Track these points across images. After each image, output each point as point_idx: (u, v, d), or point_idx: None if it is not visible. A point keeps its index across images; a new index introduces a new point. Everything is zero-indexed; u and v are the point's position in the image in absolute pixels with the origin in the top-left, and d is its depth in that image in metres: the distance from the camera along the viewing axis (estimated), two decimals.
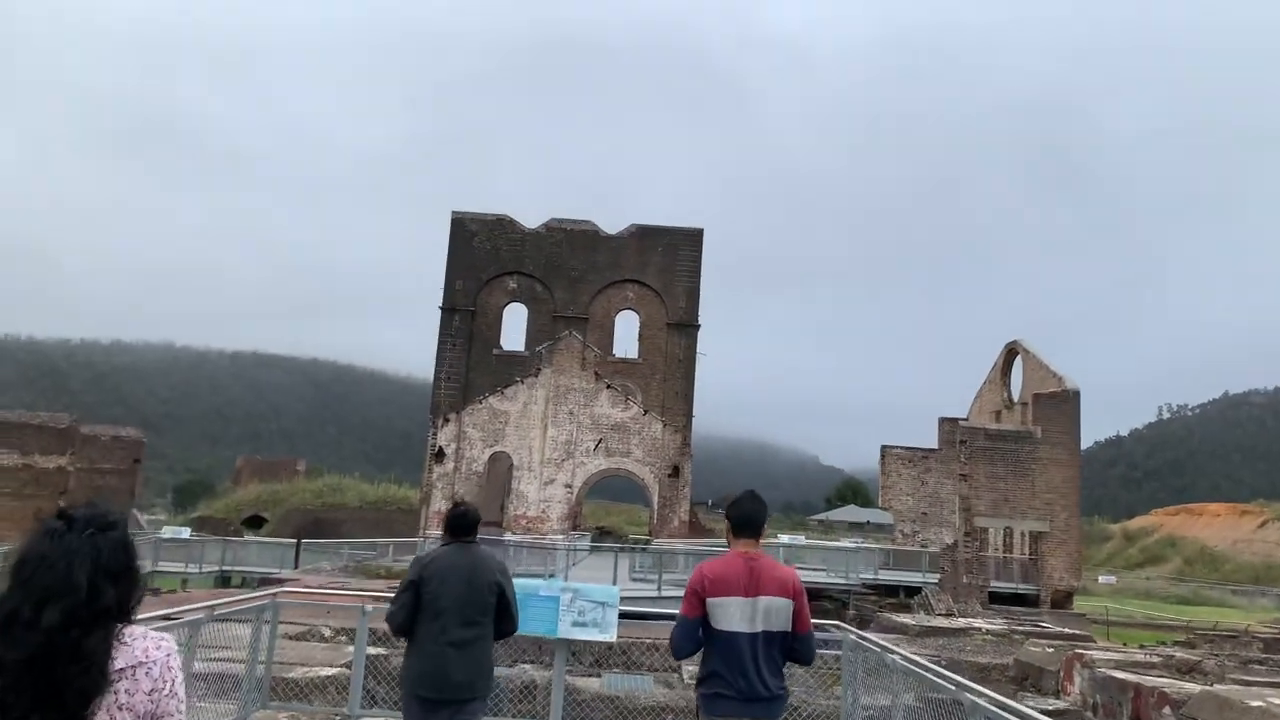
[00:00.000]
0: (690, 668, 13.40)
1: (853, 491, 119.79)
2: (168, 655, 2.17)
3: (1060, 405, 32.41)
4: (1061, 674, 12.68)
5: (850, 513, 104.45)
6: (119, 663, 2.07)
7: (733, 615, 4.52)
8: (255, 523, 51.32)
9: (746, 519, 4.84)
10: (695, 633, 4.65)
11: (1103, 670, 11.69)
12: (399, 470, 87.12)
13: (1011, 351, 39.91)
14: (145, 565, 23.73)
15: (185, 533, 32.44)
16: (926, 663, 6.61)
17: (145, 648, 2.14)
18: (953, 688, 5.56)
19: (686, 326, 43.80)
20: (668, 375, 43.33)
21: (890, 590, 31.03)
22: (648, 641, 13.11)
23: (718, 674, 4.55)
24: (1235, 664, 14.46)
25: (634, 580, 22.88)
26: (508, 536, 27.89)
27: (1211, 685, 10.74)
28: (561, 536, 31.45)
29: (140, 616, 2.26)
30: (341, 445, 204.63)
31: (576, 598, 6.75)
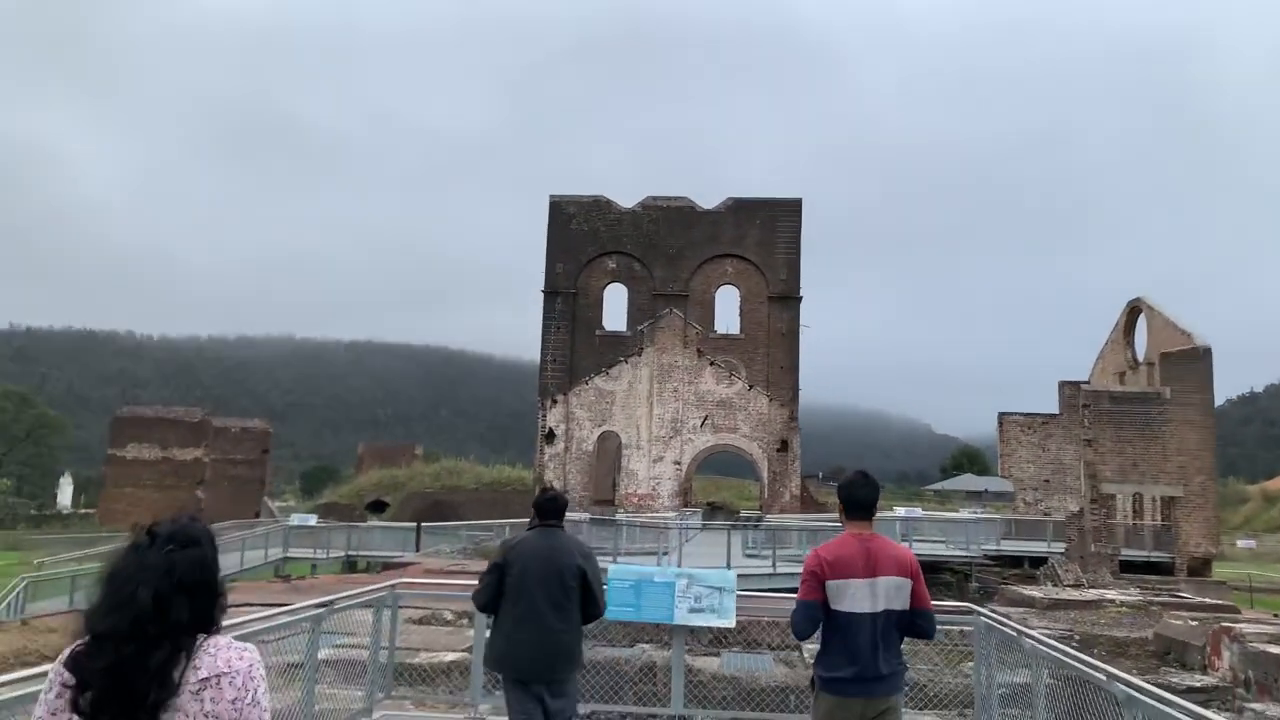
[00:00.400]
0: (811, 646, 13.24)
1: (968, 459, 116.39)
2: (250, 665, 2.24)
3: (1190, 364, 30.57)
4: (1208, 648, 11.99)
5: (967, 481, 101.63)
6: (203, 672, 2.16)
7: (853, 596, 4.58)
8: (378, 507, 53.13)
9: (858, 501, 4.88)
10: (816, 615, 4.71)
11: (1255, 644, 10.99)
12: (512, 452, 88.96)
13: (1134, 310, 37.86)
14: (277, 552, 24.76)
15: (312, 520, 33.84)
16: (1066, 648, 6.28)
17: (229, 658, 2.22)
18: (1103, 677, 5.22)
19: (788, 299, 43.16)
20: (771, 349, 42.83)
21: (1014, 561, 30.00)
22: (765, 619, 12.98)
23: (837, 654, 4.64)
24: None
25: (747, 557, 22.76)
26: (619, 515, 28.11)
27: None
28: (673, 513, 31.54)
29: (257, 615, 2.35)
30: (456, 429, 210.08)
31: (692, 583, 6.67)
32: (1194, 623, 13.02)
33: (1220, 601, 18.09)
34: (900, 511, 32.73)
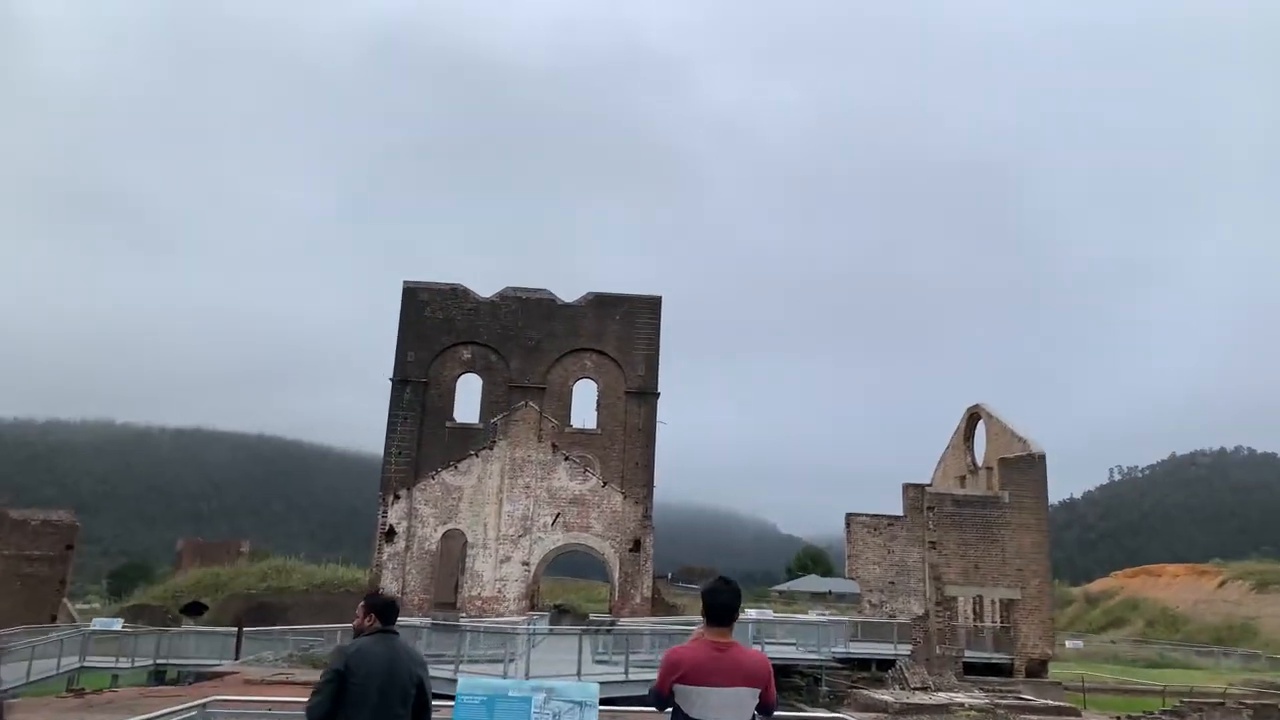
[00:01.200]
0: None
1: (812, 560, 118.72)
2: None
3: (1026, 469, 32.11)
4: None
5: (811, 582, 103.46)
6: None
7: (710, 704, 4.68)
8: (195, 609, 48.76)
9: (720, 607, 4.96)
10: (666, 704, 4.87)
11: None
12: (348, 549, 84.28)
13: (974, 415, 39.73)
14: (73, 661, 21.82)
15: (117, 624, 30.34)
16: None
17: None
18: None
19: (645, 394, 43.06)
20: (628, 445, 42.39)
21: (862, 664, 30.00)
22: None
23: None
24: None
25: (597, 663, 21.69)
26: (463, 620, 26.44)
27: None
28: (520, 617, 30.02)
29: None
30: (288, 523, 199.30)
31: (551, 698, 5.84)
32: None
33: (1061, 704, 18.33)
34: (752, 614, 32.33)
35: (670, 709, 4.85)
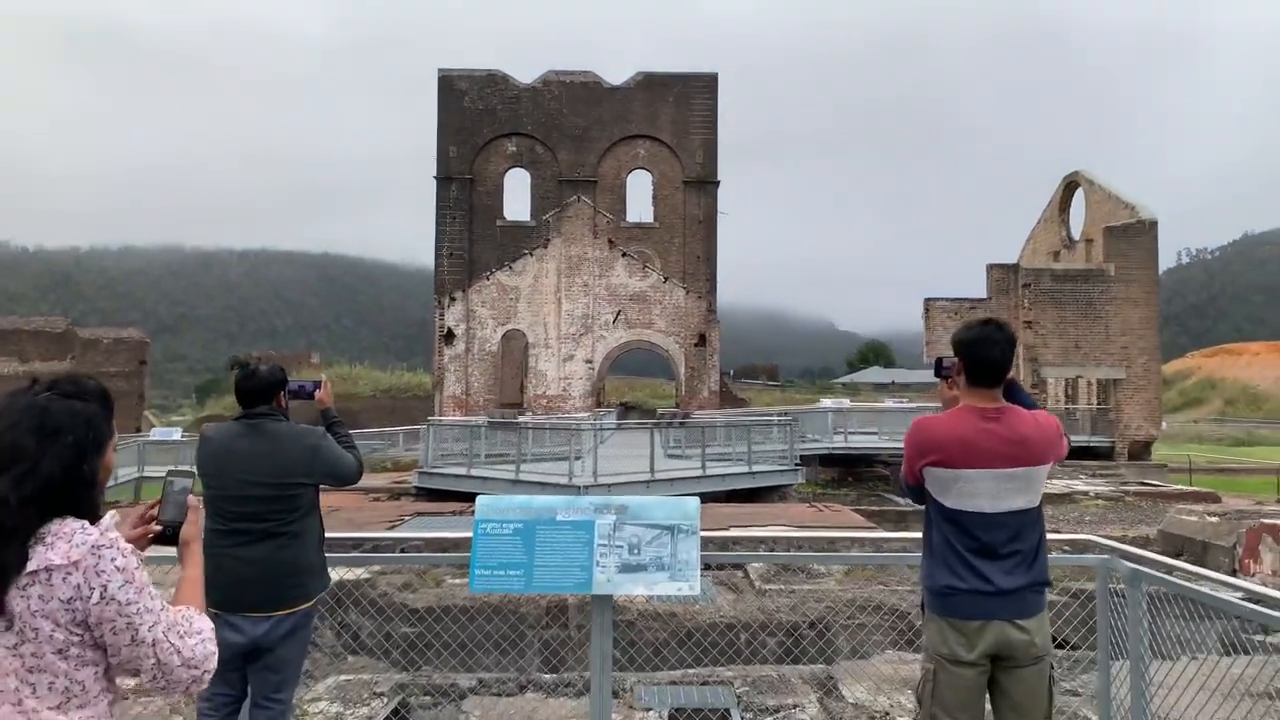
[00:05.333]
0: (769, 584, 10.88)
1: (874, 353, 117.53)
2: (91, 551, 1.79)
3: (1135, 237, 28.89)
4: (1238, 549, 9.88)
5: (874, 374, 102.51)
6: (31, 564, 1.76)
7: (980, 491, 3.18)
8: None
9: (993, 363, 3.23)
10: (922, 490, 3.34)
11: None
12: (420, 359, 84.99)
13: (1071, 184, 36.05)
14: (131, 472, 21.17)
15: (175, 434, 30.00)
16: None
17: (65, 550, 1.78)
18: None
19: (705, 184, 40.15)
20: (688, 238, 39.97)
21: None
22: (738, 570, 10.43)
23: (950, 564, 3.25)
24: None
25: (670, 458, 20.38)
26: (522, 418, 25.34)
27: None
28: (585, 414, 28.94)
29: None
30: (359, 338, 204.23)
31: (625, 519, 3.87)
32: (1212, 519, 10.92)
33: (1200, 490, 16.45)
34: (828, 403, 30.89)
35: (925, 502, 3.36)
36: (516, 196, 40.20)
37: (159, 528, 2.08)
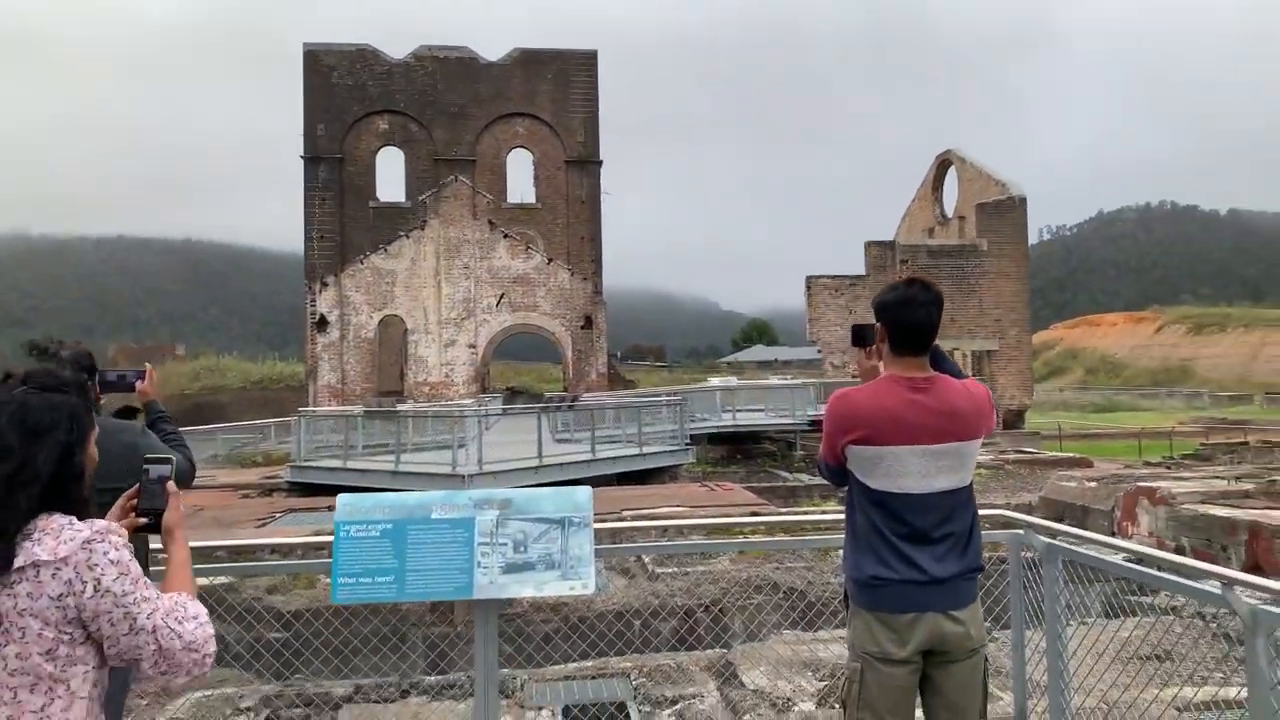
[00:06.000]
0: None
1: (758, 331, 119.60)
2: (83, 545, 1.77)
3: (1006, 213, 29.96)
4: (1117, 512, 10.14)
5: (758, 352, 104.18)
6: (18, 560, 1.75)
7: (908, 470, 2.82)
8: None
9: (919, 326, 2.93)
10: (842, 471, 2.96)
11: (1189, 506, 9.11)
12: (294, 349, 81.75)
13: (944, 163, 37.16)
14: None
15: None
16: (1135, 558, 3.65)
17: (53, 546, 1.77)
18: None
19: (587, 163, 39.58)
20: (571, 219, 39.37)
21: None
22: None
23: (878, 552, 2.88)
24: None
25: (558, 443, 19.92)
26: (402, 406, 24.41)
27: None
28: (470, 401, 28.15)
29: None
30: (228, 327, 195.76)
31: (508, 515, 3.40)
32: (1090, 484, 11.19)
33: (1073, 455, 17.05)
34: (716, 382, 30.98)
35: (847, 483, 3.00)
36: (390, 177, 38.78)
37: (143, 519, 2.05)
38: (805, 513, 12.27)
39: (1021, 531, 4.07)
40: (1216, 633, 6.17)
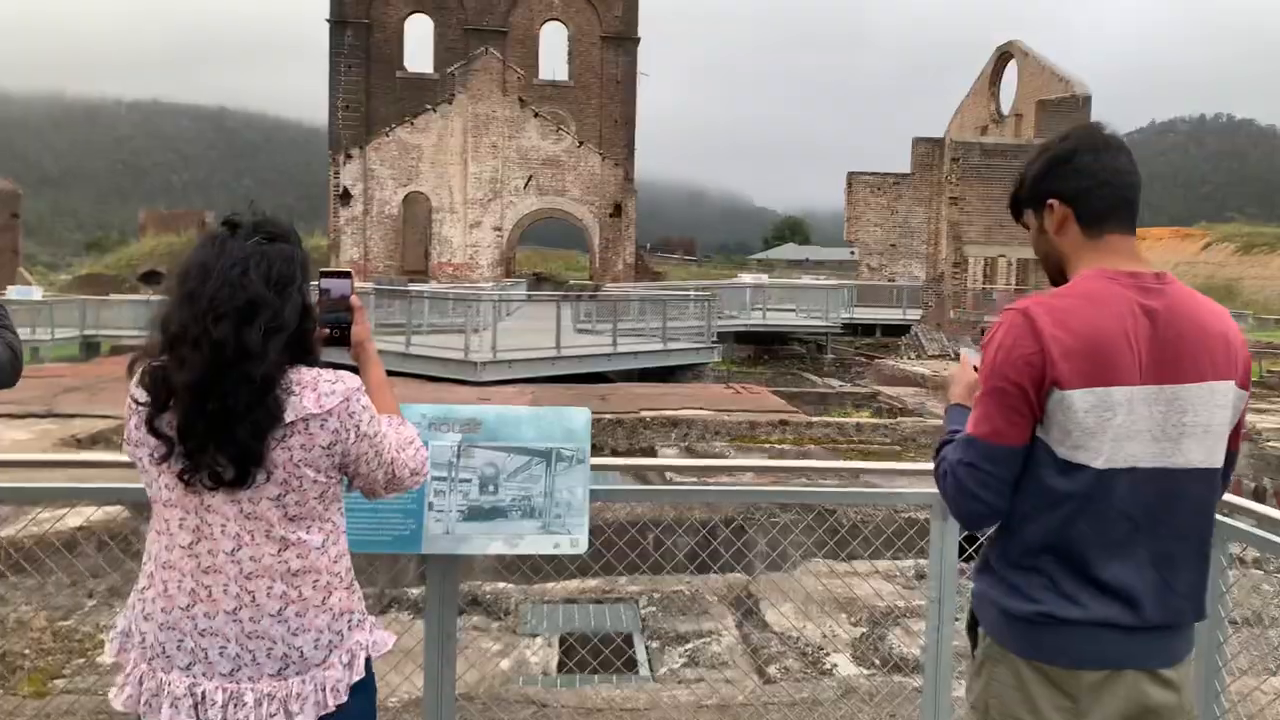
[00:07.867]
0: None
1: (790, 229, 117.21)
2: (344, 401, 1.77)
3: (1069, 113, 27.89)
4: None
5: (790, 250, 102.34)
6: (289, 415, 1.73)
7: (1123, 428, 1.61)
8: (153, 278, 46.19)
9: (1116, 196, 1.67)
10: (1010, 476, 1.67)
11: (1275, 444, 8.07)
12: (321, 222, 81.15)
13: (1005, 56, 34.81)
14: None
15: (36, 293, 27.32)
16: None
17: (315, 398, 1.75)
18: None
19: (624, 40, 37.65)
20: (605, 100, 37.67)
21: (865, 330, 27.84)
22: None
23: (1052, 574, 1.69)
24: None
25: (579, 332, 19.09)
26: (414, 285, 23.50)
27: None
28: (490, 284, 27.25)
29: None
30: (261, 199, 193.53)
31: (473, 441, 2.49)
32: None
33: None
34: (747, 278, 29.89)
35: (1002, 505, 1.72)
36: (419, 46, 37.09)
37: (326, 330, 1.94)
38: (838, 426, 11.35)
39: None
40: None
